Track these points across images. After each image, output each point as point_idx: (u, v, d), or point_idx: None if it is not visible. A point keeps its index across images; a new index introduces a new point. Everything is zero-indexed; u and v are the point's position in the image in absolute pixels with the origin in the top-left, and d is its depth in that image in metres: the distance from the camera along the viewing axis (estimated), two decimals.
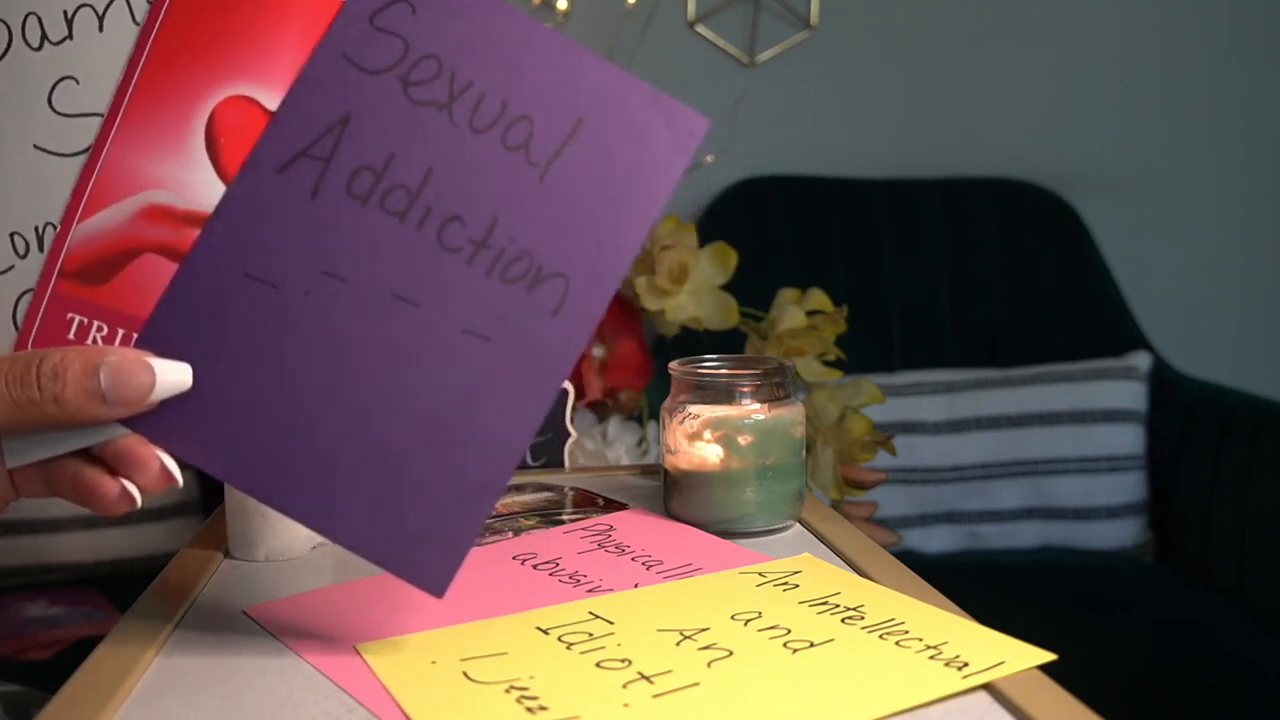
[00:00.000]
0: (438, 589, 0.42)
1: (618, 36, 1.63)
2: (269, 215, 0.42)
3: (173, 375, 0.41)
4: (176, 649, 0.46)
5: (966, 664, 0.43)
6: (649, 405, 0.99)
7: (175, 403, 0.42)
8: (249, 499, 0.58)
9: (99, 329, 0.42)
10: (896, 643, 0.45)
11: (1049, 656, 0.43)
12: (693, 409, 0.63)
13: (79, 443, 0.41)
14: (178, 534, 1.32)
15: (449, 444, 0.42)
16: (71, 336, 0.42)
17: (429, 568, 0.42)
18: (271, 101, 0.43)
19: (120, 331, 0.42)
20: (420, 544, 0.42)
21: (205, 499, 1.35)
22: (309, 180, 0.42)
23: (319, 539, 0.61)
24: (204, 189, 0.42)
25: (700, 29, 1.70)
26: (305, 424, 0.42)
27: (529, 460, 0.80)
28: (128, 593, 0.58)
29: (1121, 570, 1.40)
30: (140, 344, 0.42)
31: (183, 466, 0.43)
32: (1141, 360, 1.53)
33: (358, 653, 0.45)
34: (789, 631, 0.46)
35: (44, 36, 0.43)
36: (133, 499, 0.41)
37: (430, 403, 0.42)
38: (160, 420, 0.42)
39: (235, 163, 0.42)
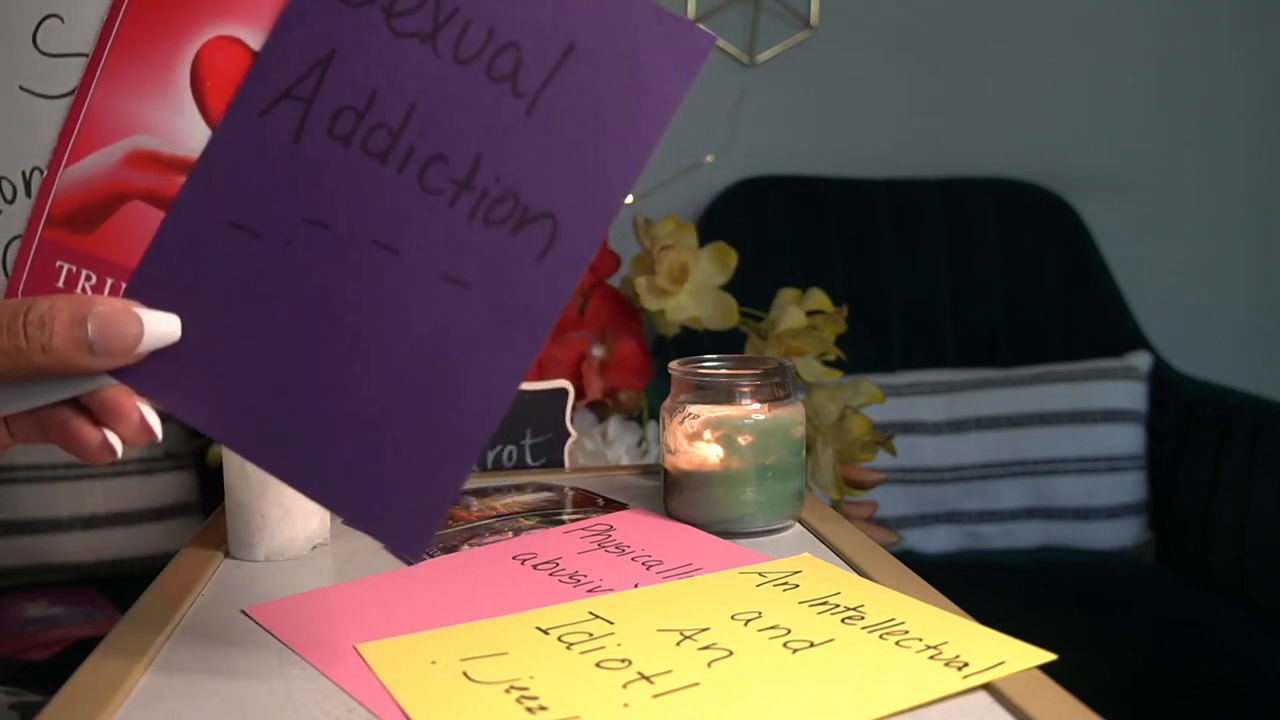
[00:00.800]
0: (413, 550, 0.40)
1: None
2: (252, 161, 0.41)
3: (161, 327, 0.40)
4: (176, 649, 0.46)
5: (966, 664, 0.42)
6: (649, 405, 0.99)
7: (162, 354, 0.41)
8: (249, 499, 0.58)
9: (88, 277, 0.41)
10: (896, 643, 0.45)
11: (1049, 656, 0.43)
12: (693, 409, 0.63)
13: (67, 392, 0.41)
14: (178, 534, 1.32)
15: (429, 399, 0.40)
16: (60, 285, 0.41)
17: (404, 529, 0.40)
18: (257, 41, 0.41)
19: (109, 280, 0.41)
20: (396, 504, 0.40)
21: (205, 499, 1.35)
22: (292, 122, 0.41)
23: (319, 539, 0.61)
24: (190, 133, 0.41)
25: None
26: (286, 378, 0.41)
27: (529, 460, 0.80)
28: (128, 593, 0.58)
29: (1121, 570, 1.40)
30: (128, 294, 0.41)
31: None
32: (1141, 360, 1.53)
33: (358, 653, 0.45)
34: (789, 631, 0.46)
35: None
36: (113, 449, 0.41)
37: (408, 356, 0.40)
38: (147, 371, 0.41)
39: (221, 106, 0.41)
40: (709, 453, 0.63)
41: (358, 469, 0.41)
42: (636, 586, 0.53)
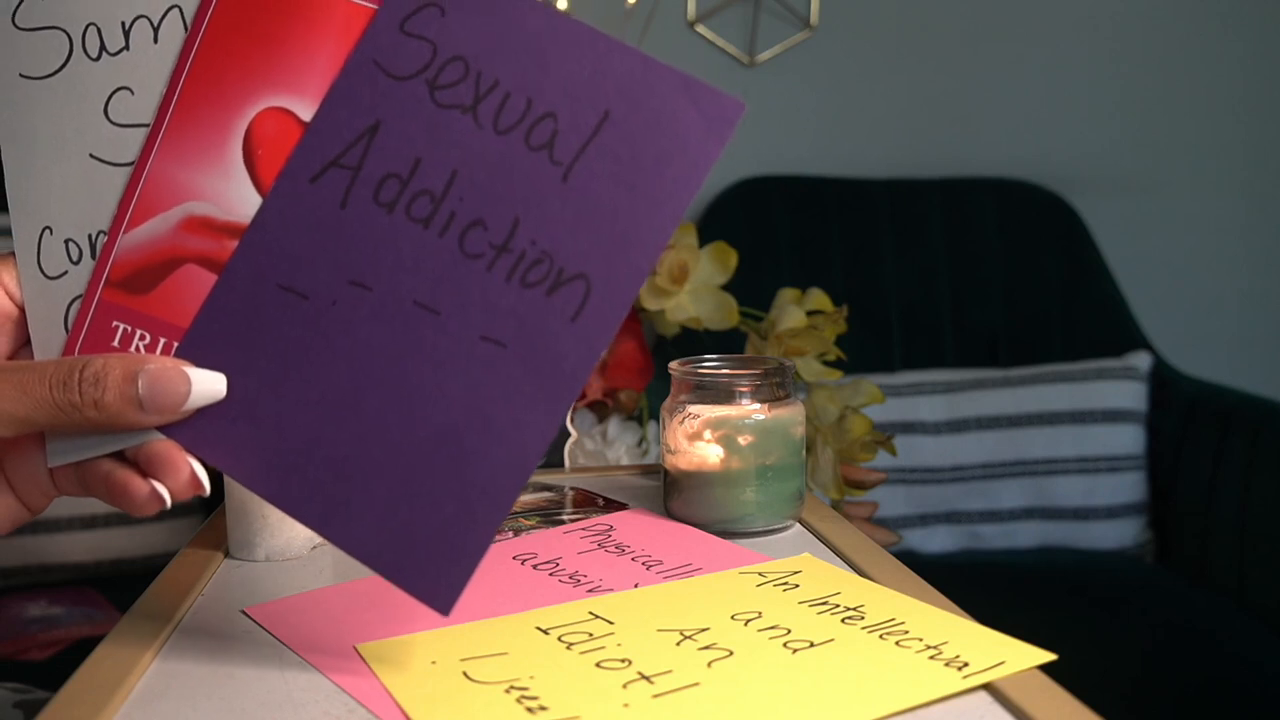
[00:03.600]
0: (444, 605, 0.41)
1: (618, 37, 1.63)
2: (301, 226, 0.43)
3: (208, 385, 0.42)
4: (176, 649, 0.46)
5: (966, 664, 0.43)
6: (649, 405, 0.99)
7: (209, 411, 0.42)
8: (249, 499, 0.58)
9: (141, 337, 0.43)
10: (896, 643, 0.45)
11: (1049, 656, 0.43)
12: (693, 409, 0.63)
13: (115, 445, 0.43)
14: (178, 534, 1.32)
15: (462, 455, 0.41)
16: (115, 344, 0.43)
17: (435, 583, 0.41)
18: (307, 112, 0.43)
19: (161, 340, 0.43)
20: (428, 559, 0.41)
21: (205, 499, 1.35)
22: (339, 190, 0.43)
23: (319, 539, 0.61)
24: (242, 200, 0.43)
25: (700, 29, 1.70)
26: (326, 434, 0.42)
27: None
28: (128, 593, 0.58)
29: (1121, 570, 1.40)
30: (180, 353, 0.43)
31: (207, 472, 0.44)
32: (1141, 360, 1.53)
33: (358, 653, 0.45)
34: (789, 631, 0.46)
35: (102, 47, 0.44)
36: (162, 500, 0.42)
37: (444, 412, 0.42)
38: (193, 427, 0.42)
39: (271, 174, 0.43)
40: (709, 453, 0.63)
41: (392, 524, 0.42)
42: (636, 586, 0.53)
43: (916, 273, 1.63)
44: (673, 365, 0.66)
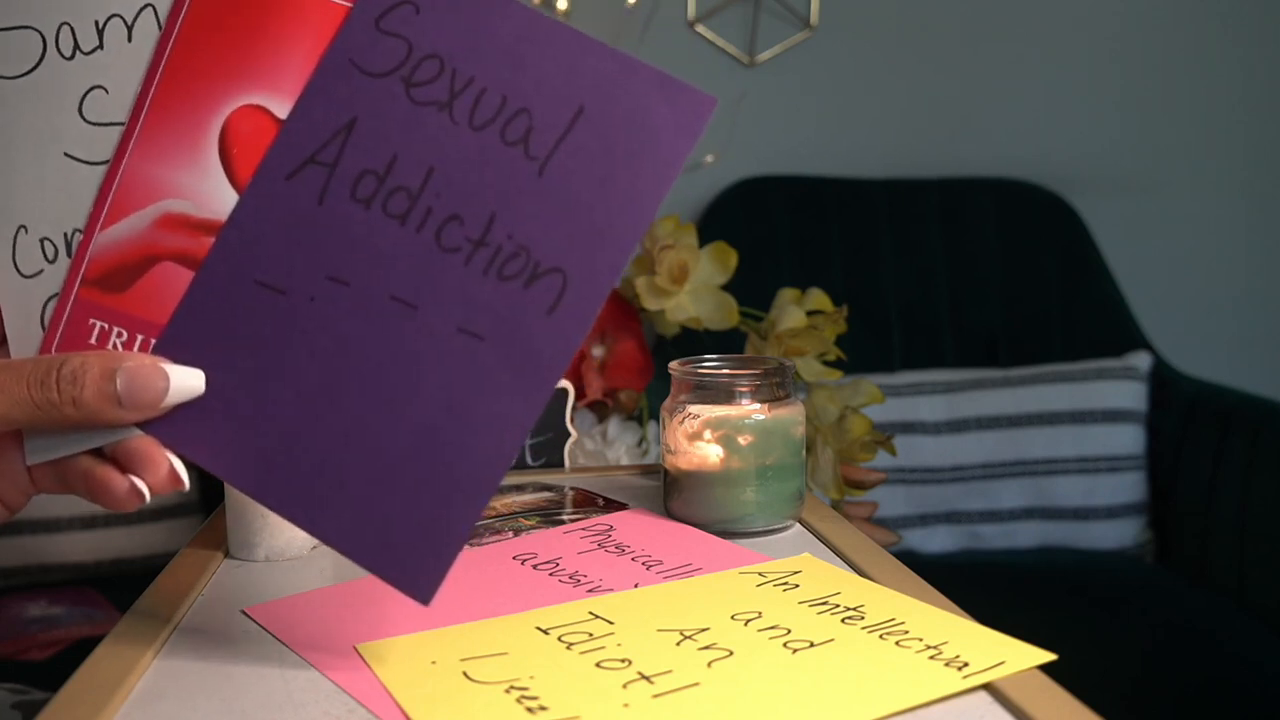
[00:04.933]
0: (424, 596, 0.41)
1: (618, 36, 1.63)
2: (278, 223, 0.43)
3: (186, 381, 0.42)
4: (176, 649, 0.46)
5: (966, 664, 0.43)
6: (649, 405, 0.99)
7: (187, 407, 0.43)
8: (249, 499, 0.58)
9: (119, 335, 0.43)
10: (896, 643, 0.45)
11: (1049, 656, 0.43)
12: (693, 409, 0.63)
13: (94, 442, 0.43)
14: (178, 534, 1.32)
15: (441, 447, 0.42)
16: (93, 342, 0.43)
17: (416, 573, 0.42)
18: (282, 110, 0.43)
19: (139, 338, 0.43)
20: (408, 549, 0.42)
21: (205, 499, 1.35)
22: (316, 186, 0.43)
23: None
24: (219, 197, 0.43)
25: (700, 29, 1.70)
26: (305, 428, 0.42)
27: (529, 460, 0.80)
28: (128, 593, 0.58)
29: (1121, 570, 1.40)
30: (157, 350, 0.43)
31: (187, 467, 0.44)
32: (1141, 360, 1.53)
33: (358, 653, 0.45)
34: (789, 631, 0.46)
35: (76, 46, 0.44)
36: (141, 495, 0.42)
37: (424, 405, 0.42)
38: (172, 423, 0.42)
39: (247, 171, 0.43)
40: (709, 453, 0.63)
41: (371, 515, 0.42)
42: (636, 586, 0.53)
43: (916, 272, 1.63)
44: (673, 365, 0.66)
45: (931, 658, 0.43)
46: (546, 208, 0.42)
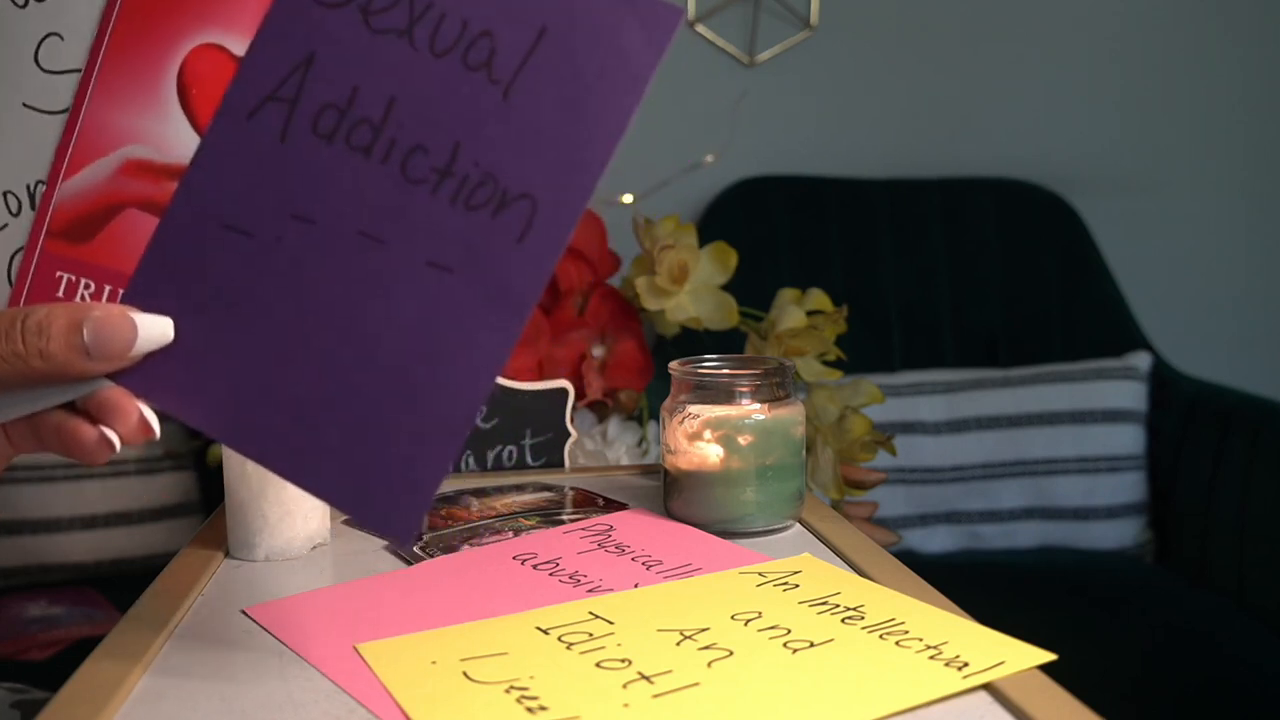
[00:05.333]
0: (404, 536, 0.41)
1: None
2: (241, 163, 0.42)
3: (155, 329, 0.41)
4: (176, 649, 0.46)
5: (966, 664, 0.43)
6: (649, 405, 0.99)
7: (157, 355, 0.42)
8: (250, 499, 0.58)
9: (86, 286, 0.43)
10: (896, 643, 0.45)
11: (1049, 656, 0.43)
12: (693, 409, 0.63)
13: (64, 396, 0.42)
14: (178, 534, 1.32)
15: (415, 384, 0.41)
16: (60, 294, 0.43)
17: (395, 514, 0.41)
18: (239, 47, 0.42)
19: (107, 288, 0.43)
20: (385, 490, 0.41)
21: (205, 499, 1.35)
22: (277, 123, 0.42)
23: (319, 539, 0.61)
24: (180, 141, 0.43)
25: (700, 29, 1.70)
26: (277, 372, 0.41)
27: (529, 460, 0.80)
28: (128, 593, 0.58)
29: (1121, 570, 1.40)
30: (125, 299, 0.42)
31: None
32: (1141, 360, 1.53)
33: (358, 653, 0.45)
34: (789, 631, 0.46)
35: None
36: (111, 445, 0.42)
37: (395, 342, 0.41)
38: (143, 373, 0.41)
39: (207, 112, 0.42)
40: (709, 453, 0.63)
41: (347, 458, 0.41)
42: (636, 586, 0.53)
43: (916, 273, 1.63)
44: (673, 365, 0.66)
45: (931, 658, 0.43)
46: (512, 133, 0.41)
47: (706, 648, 0.45)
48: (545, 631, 0.47)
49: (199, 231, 0.42)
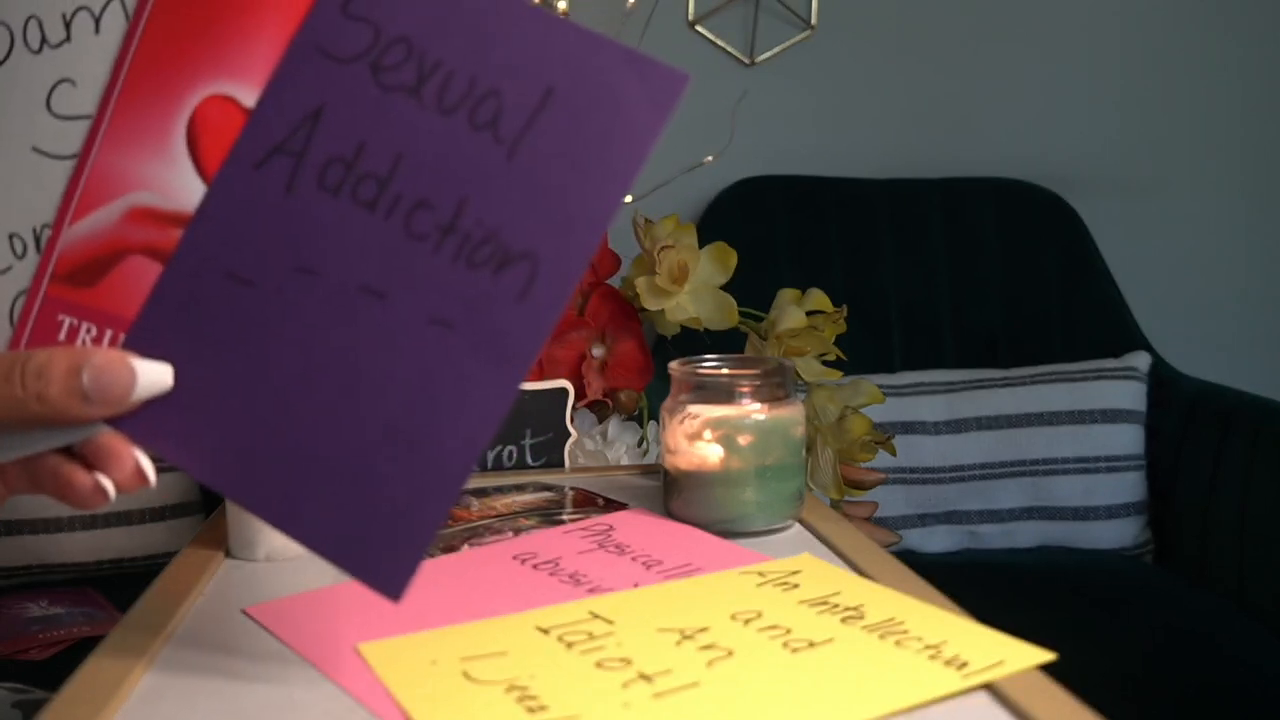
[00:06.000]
0: (395, 592, 0.40)
1: (618, 36, 1.63)
2: (246, 213, 0.42)
3: (154, 376, 0.41)
4: (176, 649, 0.46)
5: (966, 664, 0.43)
6: (649, 405, 0.99)
7: (156, 402, 0.42)
8: None
9: (88, 330, 0.43)
10: (896, 642, 0.45)
11: (1049, 656, 0.43)
12: (693, 409, 0.63)
13: (61, 440, 0.42)
14: (178, 534, 1.32)
15: (411, 440, 0.41)
16: (62, 338, 0.43)
17: (387, 569, 0.40)
18: (250, 99, 0.43)
19: (108, 332, 0.43)
20: (379, 545, 0.40)
21: (205, 499, 1.35)
22: (284, 175, 0.42)
23: None
24: (186, 189, 0.43)
25: (700, 29, 1.70)
26: (275, 422, 0.41)
27: (529, 460, 0.80)
28: (128, 593, 0.58)
29: (1121, 570, 1.40)
30: (126, 345, 0.42)
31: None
32: (1141, 360, 1.53)
33: (358, 653, 0.45)
34: (789, 631, 0.46)
35: (43, 39, 0.43)
36: (106, 493, 0.41)
37: (394, 397, 0.41)
38: (141, 419, 0.41)
39: (215, 162, 0.42)
40: (709, 453, 0.63)
41: (341, 510, 0.41)
42: (636, 586, 0.53)
43: (916, 273, 1.63)
44: (673, 365, 0.66)
45: (931, 657, 0.43)
46: (516, 192, 0.41)
47: (706, 647, 0.45)
48: (545, 631, 0.47)
49: (202, 280, 0.42)
